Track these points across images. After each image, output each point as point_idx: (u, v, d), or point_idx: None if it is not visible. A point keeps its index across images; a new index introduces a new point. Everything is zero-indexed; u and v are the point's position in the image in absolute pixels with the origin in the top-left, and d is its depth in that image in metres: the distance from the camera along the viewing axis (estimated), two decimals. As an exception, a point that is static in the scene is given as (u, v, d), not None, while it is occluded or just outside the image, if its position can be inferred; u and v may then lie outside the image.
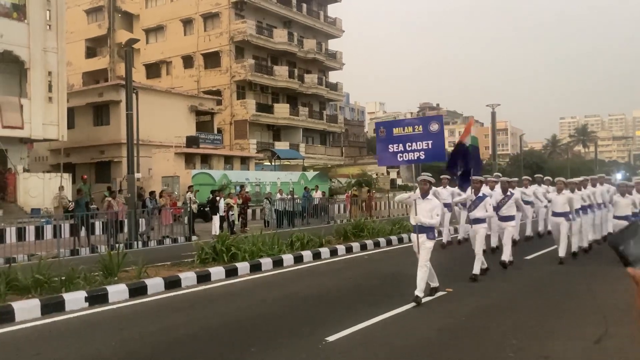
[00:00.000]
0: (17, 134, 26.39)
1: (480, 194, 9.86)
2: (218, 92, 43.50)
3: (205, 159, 33.96)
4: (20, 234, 15.02)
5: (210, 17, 44.87)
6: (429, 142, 8.46)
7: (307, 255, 12.52)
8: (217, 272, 10.27)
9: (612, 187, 13.91)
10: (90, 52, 49.77)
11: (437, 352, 5.68)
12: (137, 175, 20.99)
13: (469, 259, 9.93)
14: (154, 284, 9.13)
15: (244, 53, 44.74)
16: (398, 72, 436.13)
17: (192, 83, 44.61)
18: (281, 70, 46.67)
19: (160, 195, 20.77)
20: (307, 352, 5.67)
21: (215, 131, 40.59)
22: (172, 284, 9.37)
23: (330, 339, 6.04)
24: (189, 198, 19.45)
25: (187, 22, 45.79)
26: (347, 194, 30.37)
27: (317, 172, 40.19)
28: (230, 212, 19.93)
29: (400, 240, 15.71)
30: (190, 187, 20.92)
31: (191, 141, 34.43)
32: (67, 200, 21.77)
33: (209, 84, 44.22)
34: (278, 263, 11.61)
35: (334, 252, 13.32)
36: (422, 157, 8.51)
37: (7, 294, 7.83)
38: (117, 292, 8.50)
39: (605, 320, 6.70)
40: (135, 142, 19.27)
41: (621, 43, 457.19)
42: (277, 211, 22.49)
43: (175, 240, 17.52)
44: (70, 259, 12.17)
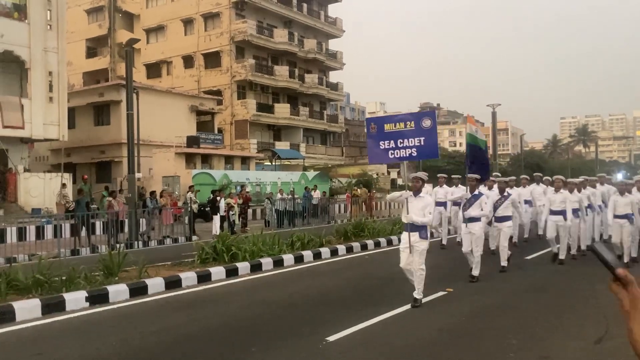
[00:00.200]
0: (17, 133, 26.40)
1: (475, 192, 9.67)
2: (218, 92, 43.50)
3: (206, 159, 33.98)
4: (21, 234, 15.02)
5: (210, 17, 44.87)
6: (422, 139, 8.13)
7: (308, 255, 12.52)
8: (218, 272, 10.27)
9: (612, 188, 13.80)
10: (91, 52, 49.78)
11: (437, 352, 5.68)
12: (137, 175, 21.00)
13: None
14: (155, 283, 9.13)
15: (245, 53, 44.74)
16: (398, 72, 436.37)
17: (192, 83, 44.62)
18: (282, 70, 46.67)
19: (161, 195, 20.78)
20: (308, 352, 5.68)
21: (216, 131, 40.60)
22: (173, 283, 9.37)
23: (331, 338, 6.04)
24: (190, 198, 19.46)
25: (188, 22, 45.79)
26: (347, 194, 30.37)
27: (317, 172, 40.19)
28: (230, 212, 19.93)
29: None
30: (190, 187, 20.94)
31: (192, 141, 34.45)
32: (68, 199, 21.77)
33: (209, 84, 44.23)
34: (278, 263, 11.61)
35: (334, 252, 13.32)
36: (415, 154, 8.22)
37: (7, 294, 7.84)
38: (118, 292, 8.50)
39: (606, 320, 6.69)
40: (135, 142, 19.27)
41: (621, 43, 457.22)
42: (277, 211, 22.50)
43: (175, 240, 17.52)
44: (70, 259, 12.18)
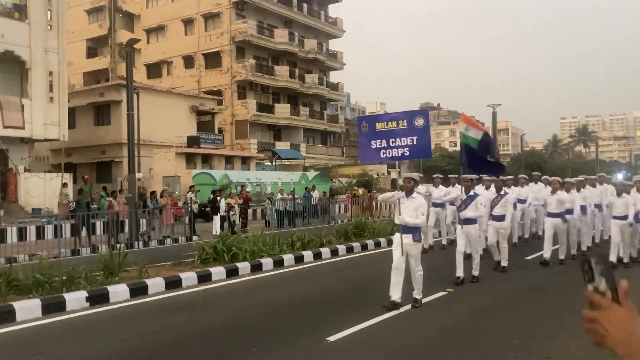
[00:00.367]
0: (18, 133, 26.40)
1: (471, 192, 9.51)
2: (219, 92, 43.51)
3: (206, 159, 33.99)
4: (21, 234, 15.05)
5: (211, 17, 44.88)
6: (414, 138, 7.89)
7: (308, 255, 12.51)
8: (218, 272, 10.27)
9: (610, 187, 13.72)
10: (91, 52, 49.79)
11: (437, 352, 5.68)
12: (138, 175, 20.99)
13: (468, 259, 9.91)
14: (155, 284, 9.13)
15: (245, 53, 44.75)
16: (398, 72, 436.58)
17: (192, 83, 44.63)
18: (282, 70, 46.67)
19: (161, 195, 20.78)
20: (308, 352, 5.68)
21: (216, 131, 40.61)
22: (173, 284, 9.37)
23: (331, 339, 6.04)
24: (190, 198, 19.47)
25: (188, 22, 45.80)
26: (347, 194, 30.37)
27: (318, 172, 40.19)
28: (231, 212, 19.93)
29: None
30: (191, 187, 20.95)
31: (192, 141, 34.46)
32: (69, 198, 21.78)
33: (209, 84, 44.24)
34: (279, 263, 11.61)
35: (334, 252, 13.31)
36: (407, 153, 8.01)
37: (8, 294, 7.84)
38: (118, 292, 8.50)
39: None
40: (136, 142, 19.27)
41: (622, 43, 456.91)
42: (278, 211, 22.50)
43: (176, 240, 17.52)
44: (71, 259, 12.18)
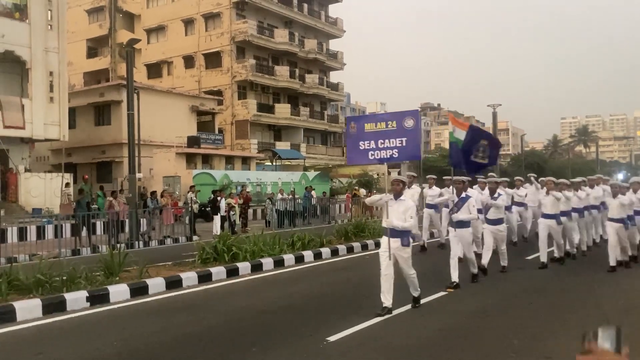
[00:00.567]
0: (18, 134, 26.42)
1: (463, 194, 9.26)
2: (219, 92, 43.52)
3: (207, 159, 33.99)
4: (22, 234, 15.05)
5: (211, 17, 44.89)
6: (403, 140, 7.67)
7: (308, 255, 12.52)
8: (218, 272, 10.28)
9: (607, 188, 13.58)
10: (92, 52, 49.81)
11: (437, 352, 5.68)
12: (138, 175, 21.03)
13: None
14: (155, 284, 9.14)
15: (245, 53, 44.76)
16: (398, 72, 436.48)
17: (193, 83, 44.64)
18: (282, 71, 46.68)
19: (162, 195, 20.79)
20: (308, 352, 5.68)
21: (217, 131, 40.62)
22: (173, 284, 9.38)
23: (331, 339, 6.04)
24: (190, 198, 19.48)
25: (188, 22, 45.81)
26: (347, 194, 30.36)
27: (318, 172, 40.19)
28: (231, 212, 19.94)
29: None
30: (191, 187, 20.96)
31: (192, 141, 34.47)
32: (71, 197, 21.79)
33: (210, 84, 44.25)
34: (279, 263, 11.61)
35: (334, 252, 13.32)
36: (396, 155, 7.77)
37: (8, 294, 7.84)
38: (118, 292, 8.51)
39: (607, 320, 6.70)
40: (136, 142, 19.30)
41: (622, 43, 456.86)
42: (278, 211, 22.51)
43: (176, 240, 17.53)
44: (71, 259, 12.18)
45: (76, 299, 7.97)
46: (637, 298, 8.18)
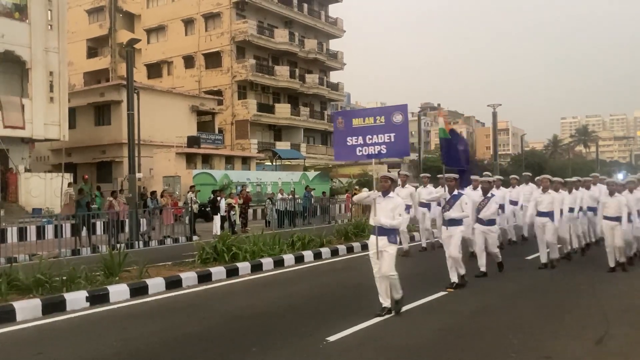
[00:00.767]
0: (18, 133, 26.45)
1: (455, 192, 9.07)
2: (219, 92, 43.56)
3: (207, 159, 34.01)
4: (22, 234, 15.04)
5: (211, 17, 44.93)
6: (392, 135, 7.50)
7: (308, 255, 12.52)
8: (218, 272, 10.28)
9: (604, 188, 13.44)
10: (92, 52, 49.85)
11: (437, 352, 5.68)
12: (138, 175, 21.03)
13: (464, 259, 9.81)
14: (155, 284, 9.14)
15: (245, 53, 44.79)
16: (398, 72, 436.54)
17: (193, 83, 44.67)
18: (282, 70, 46.71)
19: (162, 195, 20.79)
20: (308, 352, 5.68)
21: (217, 131, 40.66)
22: (173, 284, 9.38)
23: (331, 339, 6.04)
24: (190, 198, 19.48)
25: (188, 22, 45.85)
26: (347, 194, 30.38)
27: (318, 172, 40.20)
28: (231, 212, 19.95)
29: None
30: (191, 187, 20.96)
31: (192, 141, 34.49)
32: (72, 197, 21.78)
33: (210, 84, 44.28)
34: (279, 263, 11.61)
35: (334, 252, 13.32)
36: (384, 151, 7.61)
37: (8, 294, 7.85)
38: (118, 292, 8.51)
39: (607, 320, 6.70)
40: (136, 142, 19.31)
41: (622, 43, 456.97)
42: (278, 211, 22.51)
43: (176, 240, 17.53)
44: (71, 259, 12.17)
45: (76, 299, 7.97)
46: (637, 298, 8.18)
